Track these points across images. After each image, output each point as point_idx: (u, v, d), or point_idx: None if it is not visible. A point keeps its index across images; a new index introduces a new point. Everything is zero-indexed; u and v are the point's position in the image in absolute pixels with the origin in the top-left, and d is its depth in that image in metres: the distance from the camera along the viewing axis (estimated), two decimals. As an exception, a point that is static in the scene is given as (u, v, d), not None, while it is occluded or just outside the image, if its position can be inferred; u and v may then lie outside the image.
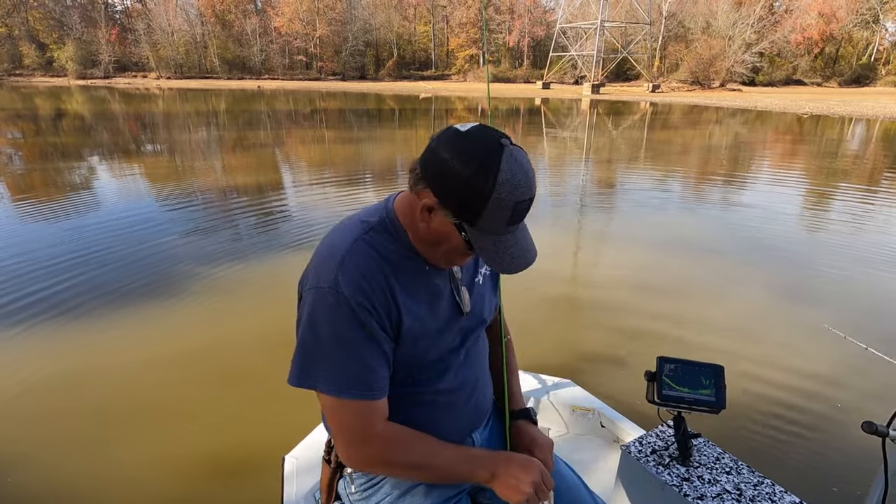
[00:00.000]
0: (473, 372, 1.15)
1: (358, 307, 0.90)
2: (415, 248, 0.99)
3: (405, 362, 1.00)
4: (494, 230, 0.88)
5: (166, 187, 8.80)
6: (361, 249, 0.95)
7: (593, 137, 17.26)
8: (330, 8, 61.81)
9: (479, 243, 0.89)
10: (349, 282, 0.91)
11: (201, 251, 5.54)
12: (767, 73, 52.26)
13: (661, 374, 1.40)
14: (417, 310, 0.99)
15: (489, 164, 0.82)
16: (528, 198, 0.86)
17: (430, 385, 1.06)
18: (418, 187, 0.91)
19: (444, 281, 1.05)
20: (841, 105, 30.08)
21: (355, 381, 0.93)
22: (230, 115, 24.24)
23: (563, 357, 3.63)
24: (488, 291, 1.17)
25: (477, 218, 0.86)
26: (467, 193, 0.84)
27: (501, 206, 0.84)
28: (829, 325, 2.38)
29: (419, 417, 1.05)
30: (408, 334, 0.97)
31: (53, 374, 3.29)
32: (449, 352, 1.07)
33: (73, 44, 55.21)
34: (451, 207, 0.87)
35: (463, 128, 0.88)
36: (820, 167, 11.57)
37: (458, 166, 0.83)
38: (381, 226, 0.99)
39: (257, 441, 2.71)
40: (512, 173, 0.83)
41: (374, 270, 0.94)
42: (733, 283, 5.02)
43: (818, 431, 2.90)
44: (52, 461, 2.58)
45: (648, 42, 53.33)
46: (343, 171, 10.69)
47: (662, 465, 1.40)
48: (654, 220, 7.21)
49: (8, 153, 12.29)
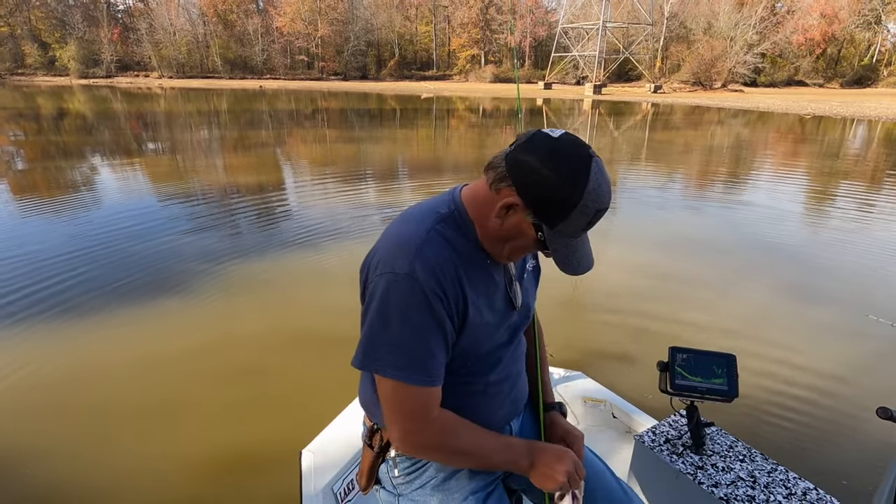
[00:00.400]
0: (517, 366, 1.20)
1: (432, 295, 0.93)
2: (480, 242, 1.02)
3: (462, 353, 1.02)
4: (570, 234, 0.93)
5: (168, 186, 8.81)
6: (436, 239, 0.97)
7: (595, 138, 17.26)
8: (332, 8, 61.82)
9: (553, 244, 0.94)
10: (425, 269, 0.93)
11: (206, 248, 5.55)
12: (769, 74, 52.26)
13: (673, 363, 1.41)
14: (479, 302, 1.01)
15: (580, 173, 0.87)
16: (607, 207, 0.92)
17: (482, 376, 1.09)
18: (501, 185, 0.93)
19: (500, 275, 1.08)
20: (843, 106, 30.03)
21: (419, 367, 0.95)
22: (232, 114, 24.25)
23: (574, 350, 3.65)
24: (532, 287, 1.21)
25: (559, 222, 0.91)
26: (555, 198, 0.88)
27: (584, 213, 0.90)
28: (873, 315, 2.38)
29: (468, 406, 1.07)
30: (470, 326, 1.00)
31: (60, 369, 3.31)
32: (500, 345, 1.11)
33: (76, 43, 55.26)
34: (534, 208, 0.91)
35: (554, 133, 0.91)
36: (822, 167, 11.57)
37: (548, 171, 0.88)
38: (451, 217, 1.01)
39: (273, 437, 2.71)
40: (598, 183, 0.88)
41: (447, 261, 0.96)
42: (740, 278, 5.04)
43: (832, 418, 2.91)
44: (71, 453, 2.60)
45: (650, 43, 53.34)
46: (344, 170, 10.70)
47: (676, 454, 1.41)
48: (659, 218, 7.23)
49: (10, 152, 12.31)
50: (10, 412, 2.91)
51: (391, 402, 0.99)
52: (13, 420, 2.85)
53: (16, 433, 2.76)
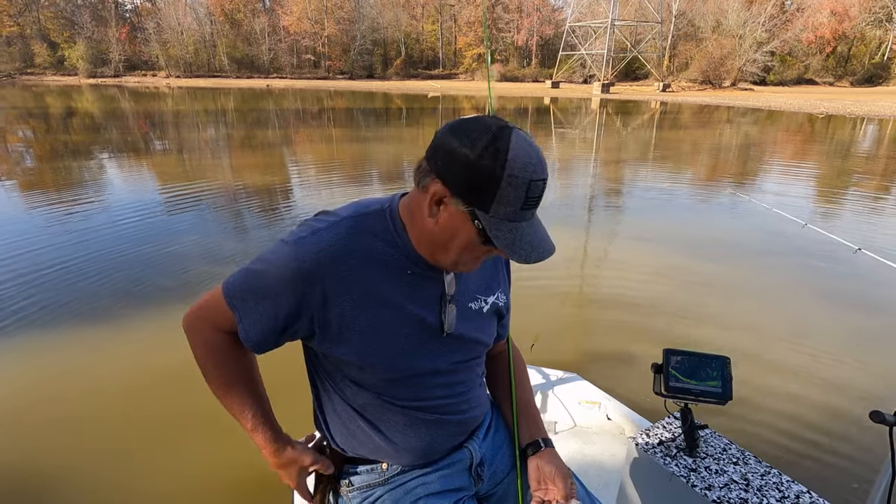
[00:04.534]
0: (458, 392, 1.09)
1: (299, 274, 0.90)
2: (407, 248, 0.95)
3: (362, 362, 0.98)
4: (510, 215, 0.84)
5: (175, 186, 8.87)
6: (348, 227, 0.94)
7: (603, 137, 17.20)
8: (338, 7, 61.98)
9: (494, 230, 0.85)
10: (319, 244, 0.91)
11: (207, 253, 5.58)
12: (778, 73, 51.79)
13: (667, 365, 1.40)
14: (378, 307, 0.95)
15: (498, 143, 0.81)
16: (542, 178, 0.84)
17: (408, 399, 1.03)
18: (426, 180, 0.88)
19: (431, 291, 1.00)
20: (856, 105, 29.58)
21: (242, 294, 0.94)
22: (239, 113, 24.36)
23: (570, 352, 3.65)
24: (483, 321, 1.10)
25: (490, 201, 0.83)
26: (478, 175, 0.81)
27: (515, 185, 0.82)
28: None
29: (400, 424, 1.04)
30: (355, 327, 0.94)
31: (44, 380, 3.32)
32: (423, 372, 1.02)
33: (84, 43, 55.69)
34: (463, 194, 0.84)
35: (466, 117, 0.87)
36: (843, 168, 11.48)
37: (466, 149, 0.82)
38: (378, 216, 0.96)
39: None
40: (522, 150, 0.82)
41: (347, 250, 0.92)
42: (738, 278, 5.02)
43: (826, 421, 2.90)
44: (71, 467, 2.61)
45: (658, 41, 53.03)
46: (350, 169, 10.73)
47: (670, 457, 1.40)
48: (660, 219, 7.20)
49: (20, 151, 12.43)
50: (15, 419, 2.94)
51: (210, 298, 0.99)
52: (26, 431, 2.87)
53: (28, 447, 2.77)
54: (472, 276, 1.06)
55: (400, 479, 1.09)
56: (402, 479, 1.09)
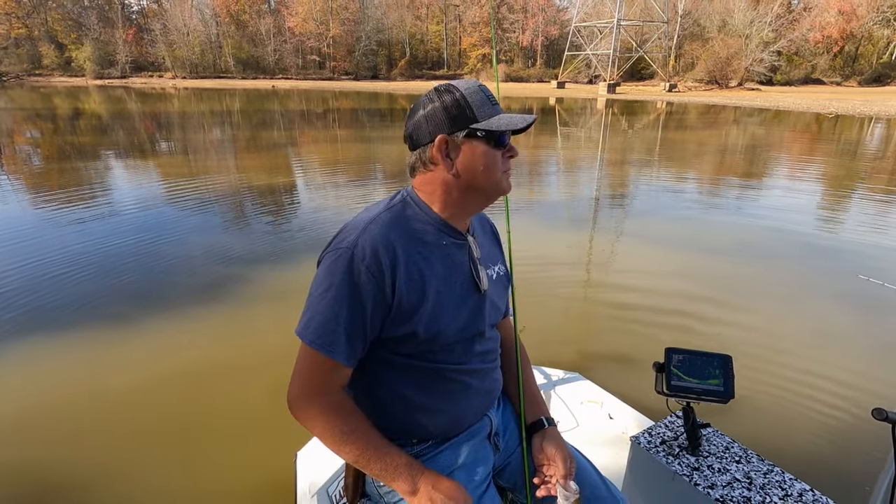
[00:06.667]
0: (489, 358, 1.20)
1: (365, 271, 0.97)
2: (438, 221, 1.07)
3: (424, 336, 1.03)
4: (489, 112, 1.03)
5: (181, 186, 8.91)
6: (385, 220, 1.03)
7: (609, 137, 17.15)
8: (343, 8, 62.06)
9: (493, 125, 1.01)
10: (365, 243, 0.98)
11: (222, 253, 5.61)
12: (785, 73, 51.46)
13: (669, 364, 1.40)
14: (435, 282, 1.04)
15: (445, 87, 1.05)
16: (483, 84, 1.06)
17: (452, 363, 1.11)
18: (424, 154, 1.05)
19: (464, 257, 1.11)
20: (865, 105, 29.30)
21: (327, 336, 0.97)
22: (244, 114, 24.45)
23: (572, 352, 3.64)
24: (501, 291, 1.22)
25: (472, 113, 1.02)
26: (451, 107, 1.02)
27: (474, 92, 1.03)
28: (862, 276, 2.34)
29: (440, 392, 1.11)
30: (425, 305, 1.02)
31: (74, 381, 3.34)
32: (467, 336, 1.11)
33: (91, 44, 56.02)
34: (454, 126, 1.02)
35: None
36: (855, 168, 11.40)
37: (430, 105, 1.03)
38: (403, 203, 1.08)
39: (269, 438, 2.70)
40: (461, 80, 1.06)
41: (393, 238, 1.01)
42: (740, 278, 5.00)
43: (829, 419, 2.89)
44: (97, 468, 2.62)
45: (664, 41, 52.81)
46: (355, 170, 10.75)
47: (672, 456, 1.40)
48: (665, 219, 7.17)
49: (27, 151, 12.52)
50: (21, 421, 2.96)
51: (298, 362, 1.02)
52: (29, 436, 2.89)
53: (30, 449, 2.79)
54: (480, 246, 1.17)
55: (431, 451, 1.15)
56: (433, 451, 1.15)
